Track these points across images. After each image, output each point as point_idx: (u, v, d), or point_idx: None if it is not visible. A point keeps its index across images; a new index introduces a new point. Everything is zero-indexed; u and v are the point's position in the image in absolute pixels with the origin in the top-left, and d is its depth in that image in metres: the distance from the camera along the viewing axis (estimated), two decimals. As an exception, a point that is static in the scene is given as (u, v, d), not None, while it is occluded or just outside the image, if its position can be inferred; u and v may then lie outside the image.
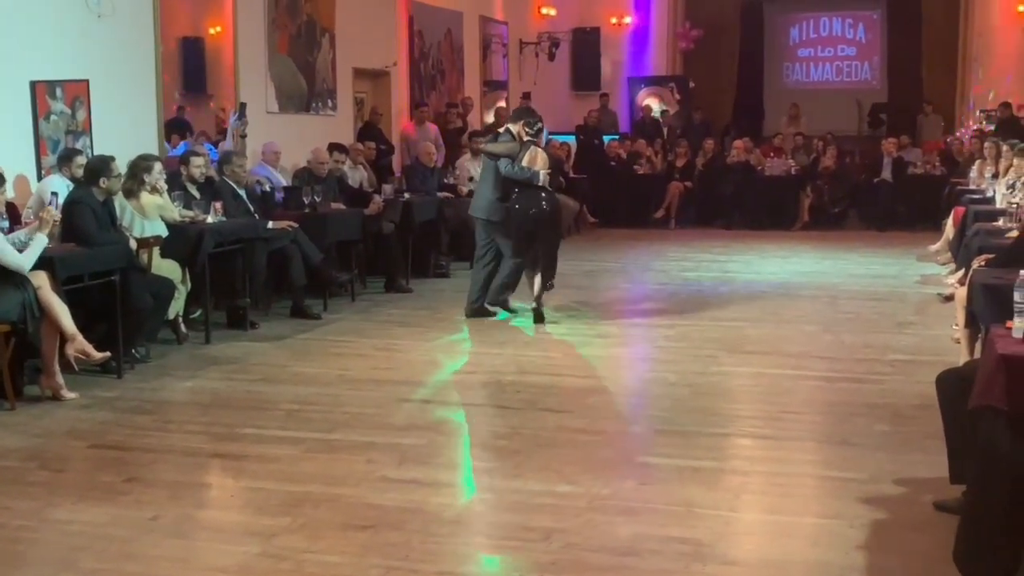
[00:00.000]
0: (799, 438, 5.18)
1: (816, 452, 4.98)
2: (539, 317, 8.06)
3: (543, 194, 8.03)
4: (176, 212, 7.41)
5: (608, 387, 6.24)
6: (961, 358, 5.76)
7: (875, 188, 14.69)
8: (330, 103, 11.36)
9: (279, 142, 9.71)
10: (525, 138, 8.04)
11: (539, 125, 8.16)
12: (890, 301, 8.93)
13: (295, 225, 8.28)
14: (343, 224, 9.00)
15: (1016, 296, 3.78)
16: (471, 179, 11.79)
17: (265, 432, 5.23)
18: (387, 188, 10.16)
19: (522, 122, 8.10)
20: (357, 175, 10.56)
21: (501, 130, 8.55)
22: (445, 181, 11.37)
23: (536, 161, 8.00)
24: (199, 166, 7.98)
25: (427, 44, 13.58)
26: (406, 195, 10.31)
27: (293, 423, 5.40)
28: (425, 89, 13.52)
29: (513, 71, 16.36)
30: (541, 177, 7.97)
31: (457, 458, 4.98)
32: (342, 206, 9.31)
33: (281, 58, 10.46)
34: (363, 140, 11.54)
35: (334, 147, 10.02)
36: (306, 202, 8.81)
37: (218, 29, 9.82)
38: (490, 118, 15.05)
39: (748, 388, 6.17)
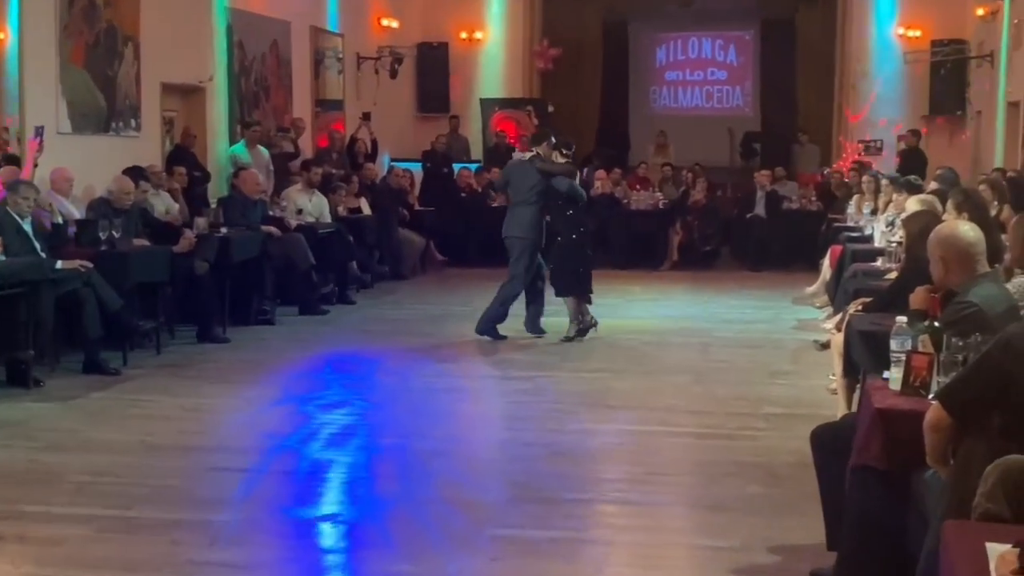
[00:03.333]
0: (667, 503, 5.30)
1: (685, 518, 5.10)
2: (584, 332, 9.45)
3: (583, 214, 9.68)
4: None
5: (455, 450, 6.24)
6: (839, 411, 6.00)
7: (748, 224, 15.26)
8: (134, 123, 11.11)
9: (72, 168, 9.44)
10: (561, 160, 9.52)
11: (573, 146, 9.94)
12: (764, 348, 9.26)
13: (89, 265, 8.04)
14: (147, 263, 8.79)
15: (892, 344, 3.98)
16: (300, 212, 11.72)
17: (51, 509, 5.05)
18: (200, 221, 9.97)
19: (546, 143, 9.56)
20: (161, 204, 10.33)
21: (530, 153, 9.75)
22: (270, 214, 11.24)
23: (575, 182, 9.69)
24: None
25: (249, 57, 13.46)
26: (223, 230, 10.14)
27: (84, 498, 5.23)
28: (248, 108, 13.38)
29: (350, 89, 16.37)
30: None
31: (278, 537, 4.89)
32: (146, 242, 9.09)
33: (75, 71, 10.20)
34: (173, 165, 11.31)
35: (130, 172, 9.76)
36: (103, 238, 8.57)
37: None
38: (324, 143, 15.00)
39: (611, 448, 6.27)
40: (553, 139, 9.67)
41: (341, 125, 15.79)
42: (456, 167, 16.53)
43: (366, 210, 13.39)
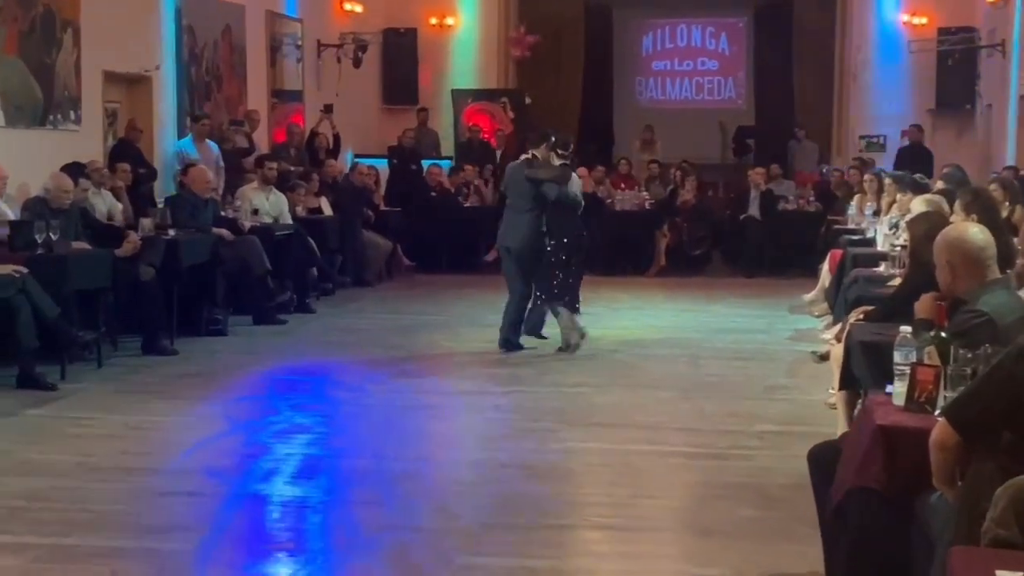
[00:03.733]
0: (654, 528, 5.31)
1: (673, 544, 5.11)
2: (575, 347, 9.50)
3: (580, 220, 9.78)
4: None
5: (426, 471, 6.23)
6: (838, 428, 6.02)
7: (741, 227, 15.32)
8: (73, 115, 11.06)
9: (5, 165, 9.39)
10: (557, 161, 9.56)
11: (572, 146, 10.09)
12: (759, 361, 9.29)
13: (24, 270, 7.99)
14: (87, 268, 8.74)
15: (896, 356, 4.00)
16: (255, 212, 11.69)
17: (-21, 538, 5.00)
18: (145, 222, 9.91)
19: (544, 145, 9.57)
20: (103, 203, 10.28)
21: (528, 156, 9.74)
22: (222, 214, 11.20)
23: (573, 185, 9.63)
24: None
25: (200, 43, 13.43)
26: (171, 232, 10.10)
27: (18, 525, 5.19)
28: (198, 99, 13.34)
29: (310, 79, 16.35)
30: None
31: (229, 568, 4.86)
32: (86, 245, 9.05)
33: (8, 59, 10.15)
34: (116, 161, 11.26)
35: (69, 168, 9.72)
36: (39, 240, 8.52)
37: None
38: (282, 137, 14.98)
39: (594, 468, 6.28)
40: (552, 139, 9.70)
41: (300, 118, 15.80)
42: (425, 164, 16.56)
43: (327, 211, 13.38)
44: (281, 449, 6.53)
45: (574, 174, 9.88)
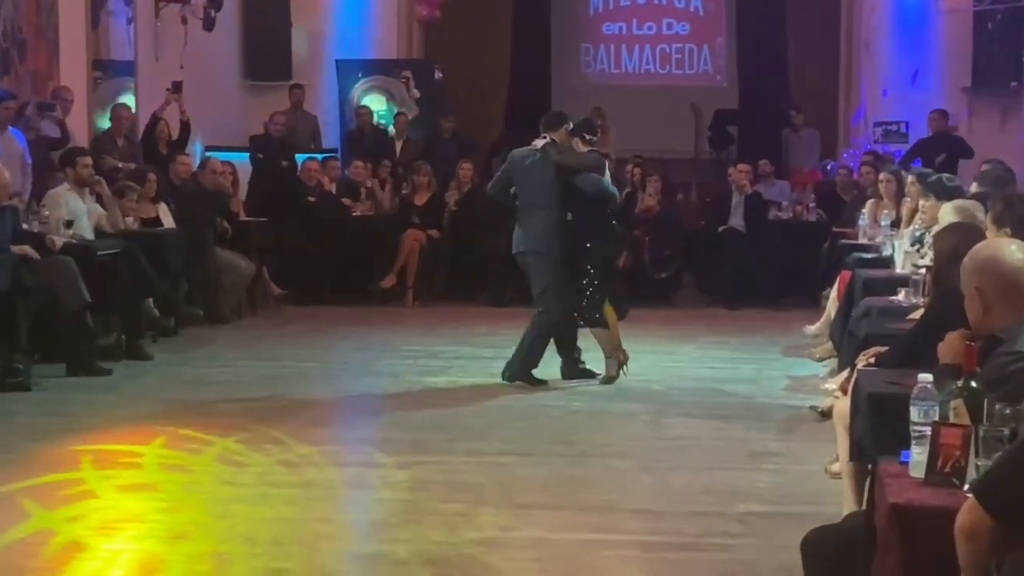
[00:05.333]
0: (601, 644, 5.32)
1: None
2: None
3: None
4: None
5: (298, 571, 6.19)
6: (844, 506, 6.08)
7: (720, 242, 15.43)
8: None
9: None
10: (583, 147, 10.45)
11: (598, 129, 11.16)
12: (742, 420, 9.33)
13: None
14: None
15: (913, 414, 4.04)
16: (69, 224, 11.52)
17: None
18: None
19: (564, 128, 10.52)
20: None
21: (539, 142, 10.55)
22: (24, 227, 11.08)
23: (607, 176, 10.65)
24: None
25: (-7, -2, 13.32)
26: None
27: None
28: (-9, 73, 13.23)
29: (145, 47, 16.22)
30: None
31: None
32: None
33: None
34: None
35: None
36: None
37: None
38: (105, 123, 14.86)
39: (522, 566, 6.26)
40: (571, 124, 10.60)
41: (132, 98, 15.65)
42: (300, 158, 16.51)
43: (168, 222, 13.29)
44: (102, 545, 6.46)
45: (606, 163, 11.00)
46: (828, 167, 17.37)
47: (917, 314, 7.12)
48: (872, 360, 6.22)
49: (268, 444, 8.64)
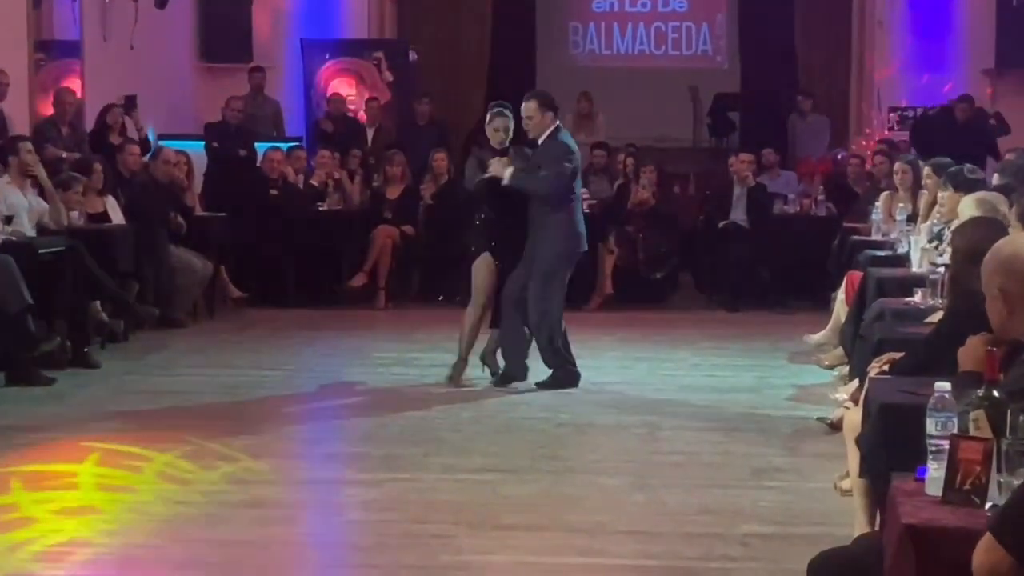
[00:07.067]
0: None
1: None
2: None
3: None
4: None
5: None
6: (855, 527, 6.06)
7: (720, 238, 15.43)
8: None
9: None
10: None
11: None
12: (744, 432, 9.33)
13: None
14: None
15: (930, 426, 4.02)
16: (8, 220, 11.47)
17: None
18: None
19: (492, 114, 10.97)
20: None
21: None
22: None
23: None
24: None
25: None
26: None
27: None
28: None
29: (92, 26, 16.18)
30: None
31: None
32: None
33: None
34: None
35: None
36: None
37: None
38: (49, 109, 14.83)
39: (503, 593, 6.26)
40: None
41: (76, 81, 15.60)
42: (260, 148, 16.47)
43: (117, 217, 13.26)
44: (48, 574, 6.42)
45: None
46: (838, 156, 17.36)
47: (935, 317, 7.13)
48: (886, 367, 6.22)
49: (223, 460, 8.61)
